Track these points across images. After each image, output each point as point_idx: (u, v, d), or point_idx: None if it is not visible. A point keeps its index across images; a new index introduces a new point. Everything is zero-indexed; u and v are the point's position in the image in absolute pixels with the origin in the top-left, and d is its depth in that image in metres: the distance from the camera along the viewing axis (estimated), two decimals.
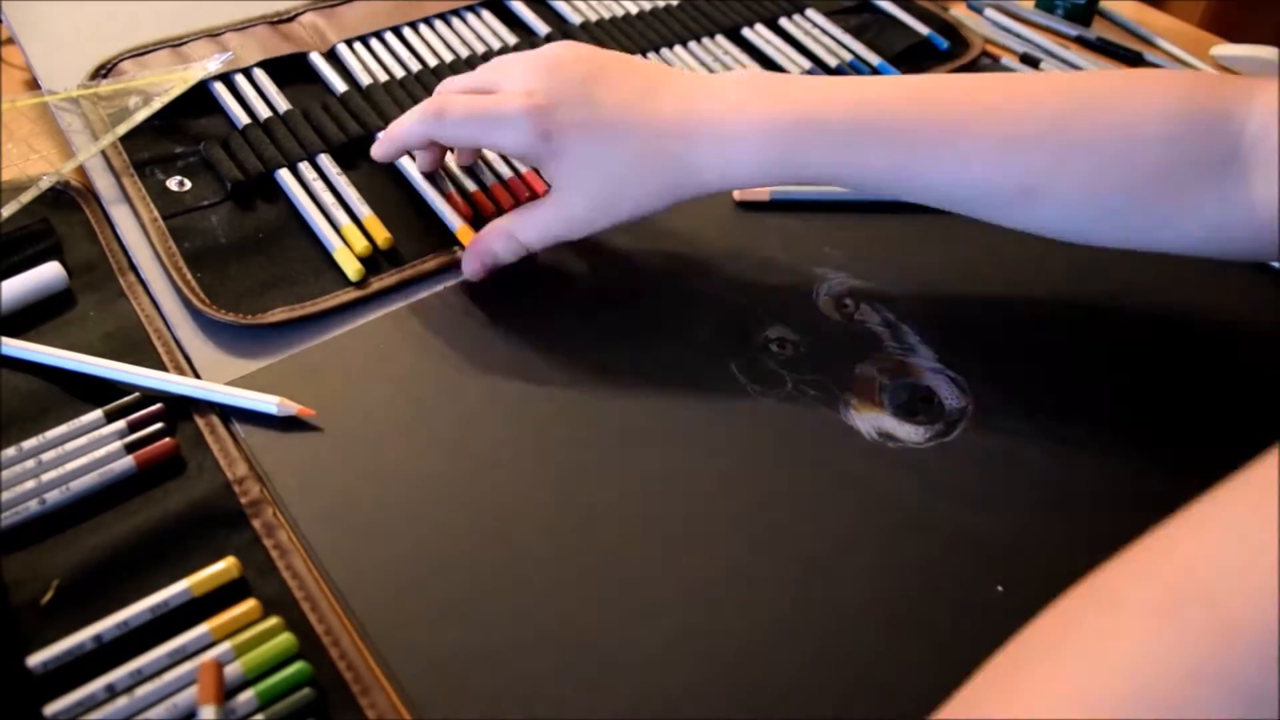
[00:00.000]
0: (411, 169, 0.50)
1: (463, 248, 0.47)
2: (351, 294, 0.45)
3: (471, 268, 0.45)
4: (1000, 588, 0.36)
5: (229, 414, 0.39)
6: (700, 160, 0.41)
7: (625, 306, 0.46)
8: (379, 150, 0.46)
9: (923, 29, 0.65)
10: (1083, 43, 0.69)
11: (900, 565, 0.37)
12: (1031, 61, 0.65)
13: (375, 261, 0.46)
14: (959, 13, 0.69)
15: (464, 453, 0.39)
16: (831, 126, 0.40)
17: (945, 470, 0.40)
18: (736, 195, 0.52)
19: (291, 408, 0.39)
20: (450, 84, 0.45)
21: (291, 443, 0.39)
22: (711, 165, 0.41)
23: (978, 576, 0.37)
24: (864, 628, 0.35)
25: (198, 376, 0.41)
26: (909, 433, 0.41)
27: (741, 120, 0.41)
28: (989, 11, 0.69)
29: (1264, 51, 0.67)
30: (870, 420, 0.42)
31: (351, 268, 0.45)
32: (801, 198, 0.52)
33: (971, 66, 0.64)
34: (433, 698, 0.32)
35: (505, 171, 0.51)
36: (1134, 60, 0.67)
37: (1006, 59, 0.65)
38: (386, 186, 0.50)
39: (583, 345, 0.44)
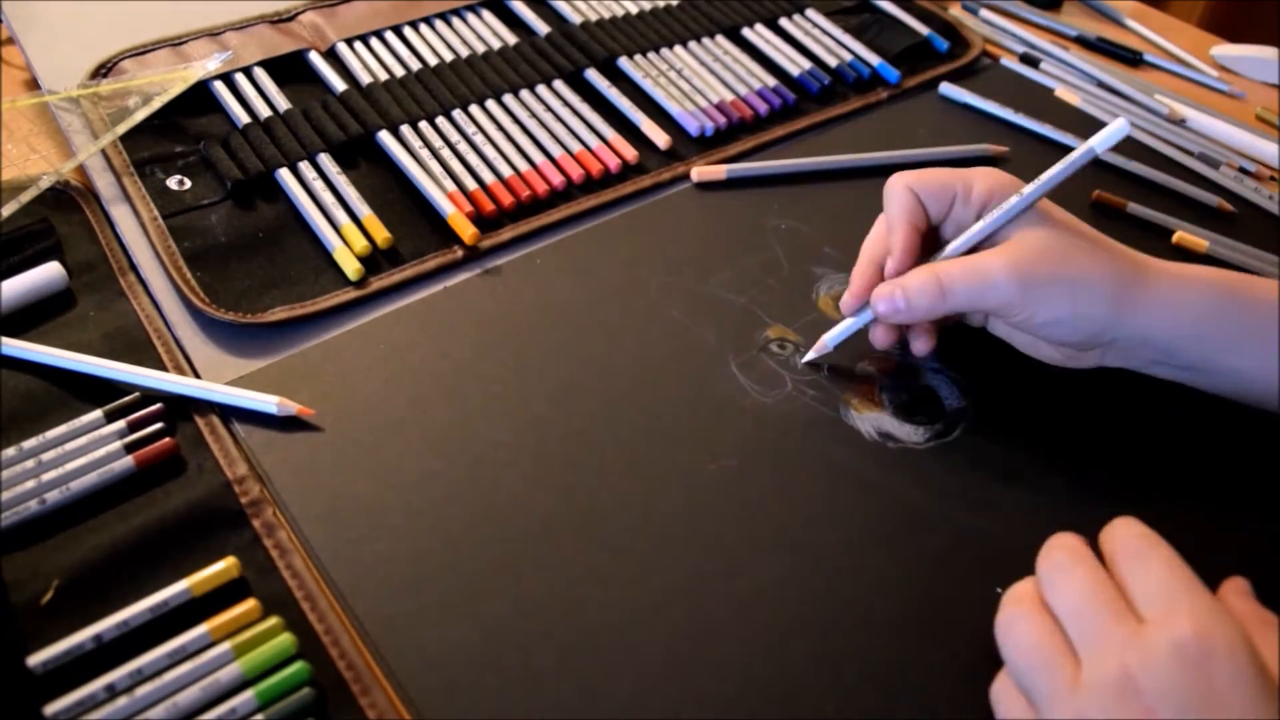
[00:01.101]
0: (411, 166, 0.50)
1: (462, 245, 0.47)
2: (351, 293, 0.45)
3: (884, 308, 0.41)
4: (999, 589, 0.36)
5: (229, 414, 0.39)
6: (1148, 301, 0.38)
7: (625, 306, 0.46)
8: (853, 304, 0.42)
9: (923, 29, 0.65)
10: (1083, 43, 0.69)
11: (900, 565, 0.37)
12: (1031, 61, 0.65)
13: (375, 261, 0.46)
14: (958, 13, 0.69)
15: (464, 452, 0.39)
16: (1264, 307, 0.39)
17: (945, 471, 0.40)
18: (694, 175, 0.52)
19: (291, 407, 0.39)
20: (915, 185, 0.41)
21: (291, 442, 0.39)
22: (1157, 306, 0.39)
23: (977, 577, 0.37)
24: (864, 628, 0.35)
25: (198, 376, 0.41)
26: (909, 433, 0.42)
27: (1183, 282, 0.39)
28: (984, 13, 0.69)
29: (1264, 52, 0.67)
30: (870, 421, 0.42)
31: (351, 267, 0.45)
32: (755, 173, 0.53)
33: (971, 66, 0.64)
34: (432, 697, 0.32)
35: (505, 171, 0.51)
36: (1135, 61, 0.67)
37: (1006, 59, 0.65)
38: (386, 186, 0.50)
39: (583, 344, 0.44)
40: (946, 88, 0.61)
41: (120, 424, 0.38)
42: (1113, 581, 0.31)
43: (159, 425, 0.38)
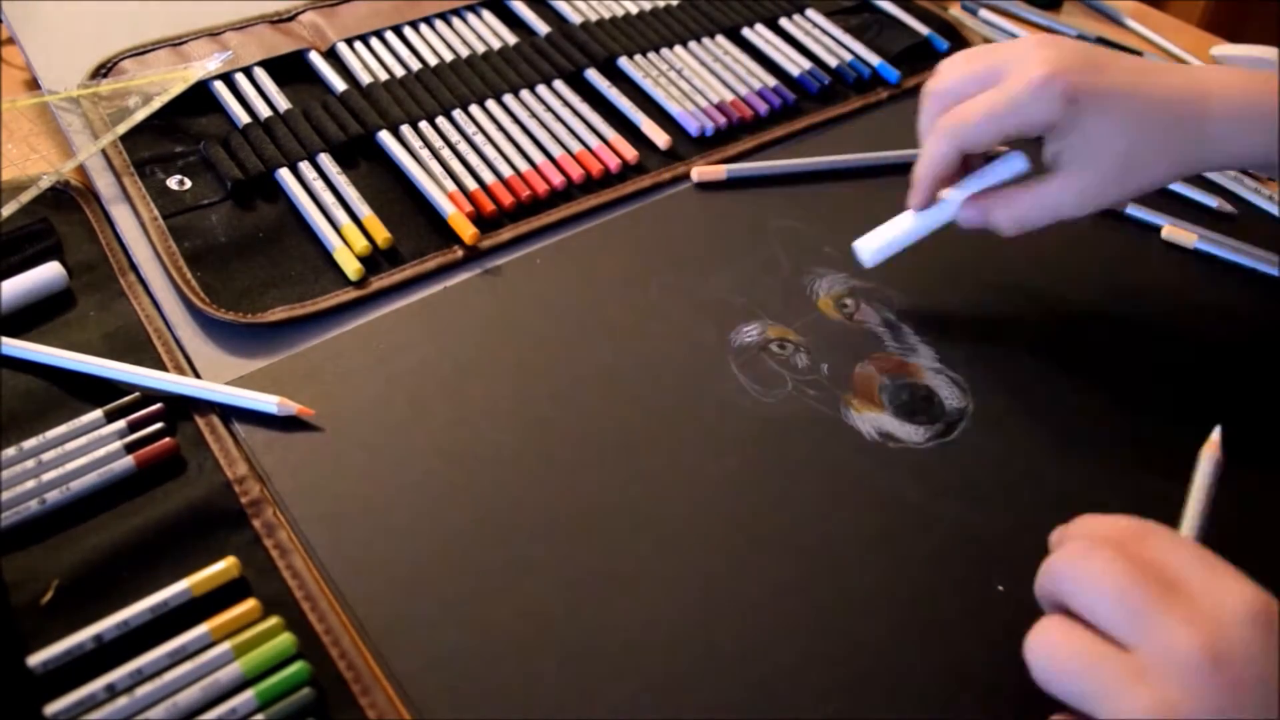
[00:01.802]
0: (411, 166, 0.50)
1: (462, 245, 0.47)
2: (351, 293, 0.45)
3: (968, 217, 0.43)
4: (1000, 587, 0.36)
5: (229, 414, 0.39)
6: (1218, 132, 0.40)
7: (625, 306, 0.46)
8: (918, 198, 0.43)
9: (923, 29, 0.65)
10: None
11: (900, 565, 0.37)
12: None
13: (375, 261, 0.46)
14: (958, 13, 0.69)
15: (465, 452, 0.39)
16: None
17: (945, 470, 0.40)
18: (695, 175, 0.52)
19: (291, 407, 0.39)
20: (939, 85, 0.43)
21: (292, 442, 0.39)
22: (1229, 139, 0.40)
23: (978, 576, 0.37)
24: (864, 627, 0.35)
25: (198, 376, 0.41)
26: (909, 433, 0.42)
27: (1260, 93, 0.40)
28: (984, 13, 0.69)
29: (1263, 51, 0.67)
30: (870, 420, 0.42)
31: (351, 267, 0.45)
32: (755, 173, 0.53)
33: None
34: (433, 699, 0.32)
35: (505, 171, 0.51)
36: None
37: None
38: (387, 186, 0.50)
39: (583, 345, 0.44)
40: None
41: (120, 424, 0.38)
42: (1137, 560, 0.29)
43: (159, 425, 0.38)
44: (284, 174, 0.49)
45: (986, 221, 0.43)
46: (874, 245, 0.44)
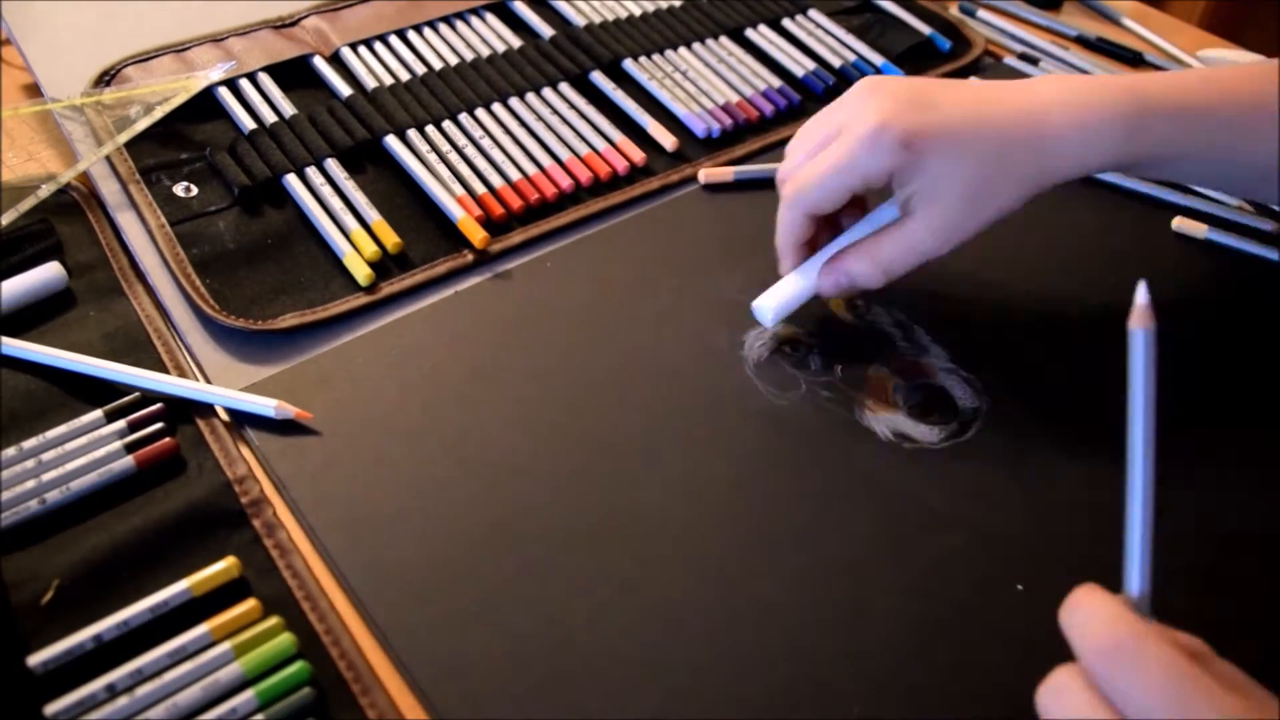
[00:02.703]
0: (419, 171, 0.50)
1: (472, 248, 0.47)
2: (362, 299, 0.44)
3: (825, 285, 0.43)
4: (1020, 586, 0.36)
5: (235, 418, 0.39)
6: (1058, 148, 0.40)
7: (636, 309, 0.45)
8: (784, 266, 0.44)
9: (925, 29, 0.65)
10: (1082, 43, 0.69)
11: (918, 565, 0.37)
12: (1030, 59, 0.65)
13: (385, 266, 0.46)
14: (959, 14, 0.69)
15: (480, 458, 0.39)
16: (1184, 104, 0.40)
17: (961, 470, 0.40)
18: (702, 177, 0.52)
19: (289, 410, 0.39)
20: (786, 166, 0.43)
21: (307, 450, 0.38)
22: (1070, 151, 0.40)
23: (996, 576, 0.36)
24: (883, 628, 0.35)
25: (208, 381, 0.40)
26: (924, 433, 0.41)
27: (1091, 102, 0.40)
28: (984, 14, 0.69)
29: (1246, 56, 0.67)
30: (885, 421, 0.42)
31: (361, 273, 0.45)
32: (763, 175, 0.52)
33: (973, 66, 0.64)
34: (456, 706, 0.32)
35: (513, 174, 0.50)
36: (1135, 61, 0.67)
37: (1008, 59, 0.65)
38: (395, 191, 0.50)
39: (595, 348, 0.43)
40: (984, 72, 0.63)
41: (120, 424, 0.38)
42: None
43: (159, 425, 0.38)
44: (291, 180, 0.49)
45: (849, 277, 0.42)
46: (770, 305, 0.43)
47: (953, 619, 0.35)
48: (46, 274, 0.42)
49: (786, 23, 0.64)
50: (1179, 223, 0.52)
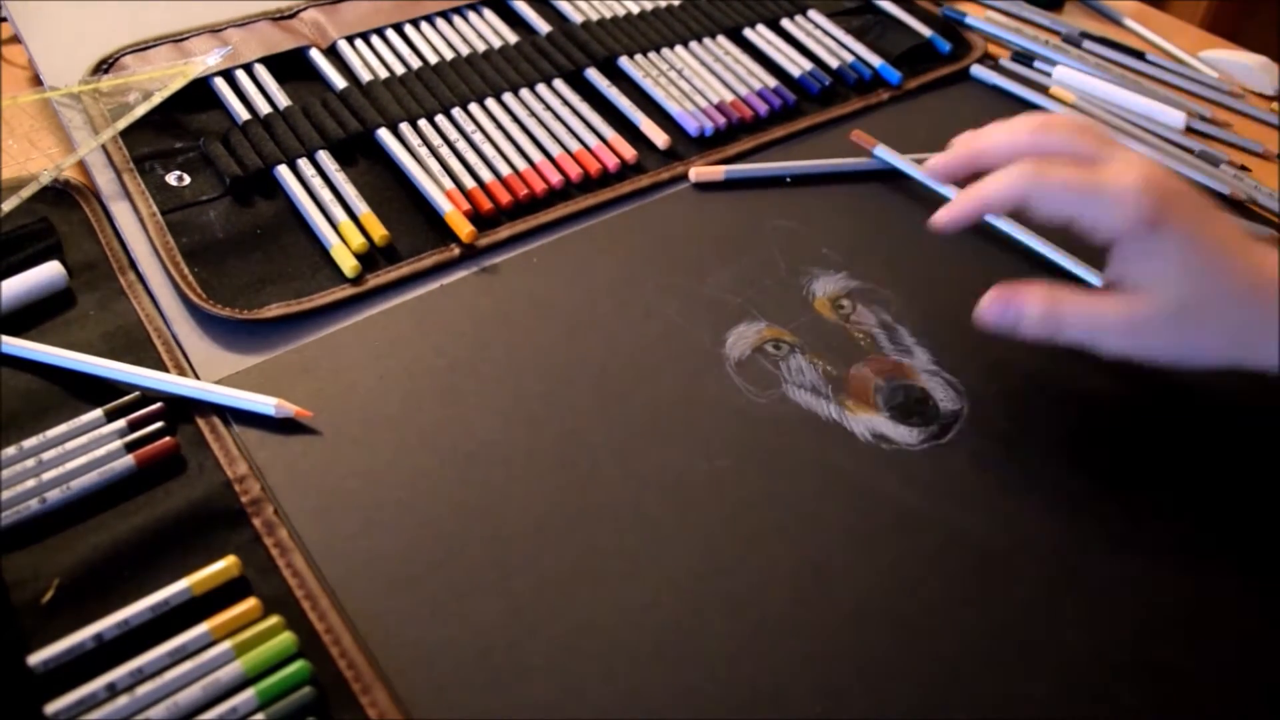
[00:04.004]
0: (410, 164, 0.50)
1: (459, 242, 0.47)
2: (348, 290, 0.45)
3: (990, 311, 0.40)
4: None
5: (227, 412, 0.40)
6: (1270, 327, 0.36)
7: (621, 306, 0.46)
8: (949, 215, 0.41)
9: (925, 30, 0.65)
10: (1073, 41, 0.68)
11: (892, 566, 0.37)
12: (1026, 59, 0.65)
13: (372, 258, 0.46)
14: (962, 10, 0.69)
15: (457, 450, 0.39)
16: None
17: (939, 473, 0.40)
18: (692, 176, 0.52)
19: (289, 409, 0.39)
20: (1039, 132, 0.39)
21: (286, 438, 0.39)
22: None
23: (969, 578, 0.37)
24: (856, 629, 0.35)
25: (194, 371, 0.41)
26: (903, 435, 0.42)
27: None
28: (984, 17, 0.69)
29: (1247, 57, 0.67)
30: (865, 422, 0.42)
31: (348, 264, 0.45)
32: (753, 174, 0.53)
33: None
34: (421, 694, 0.32)
35: (504, 169, 0.51)
36: (1137, 59, 0.67)
37: (1006, 61, 0.65)
38: (385, 184, 0.50)
39: (578, 344, 0.44)
40: (978, 70, 0.63)
41: (121, 423, 0.38)
42: None
43: (159, 424, 0.38)
44: (283, 171, 0.49)
45: (1017, 312, 0.39)
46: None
47: (924, 620, 0.35)
48: (47, 273, 0.43)
49: (785, 23, 0.64)
50: None
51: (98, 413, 0.38)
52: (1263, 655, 0.36)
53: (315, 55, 0.56)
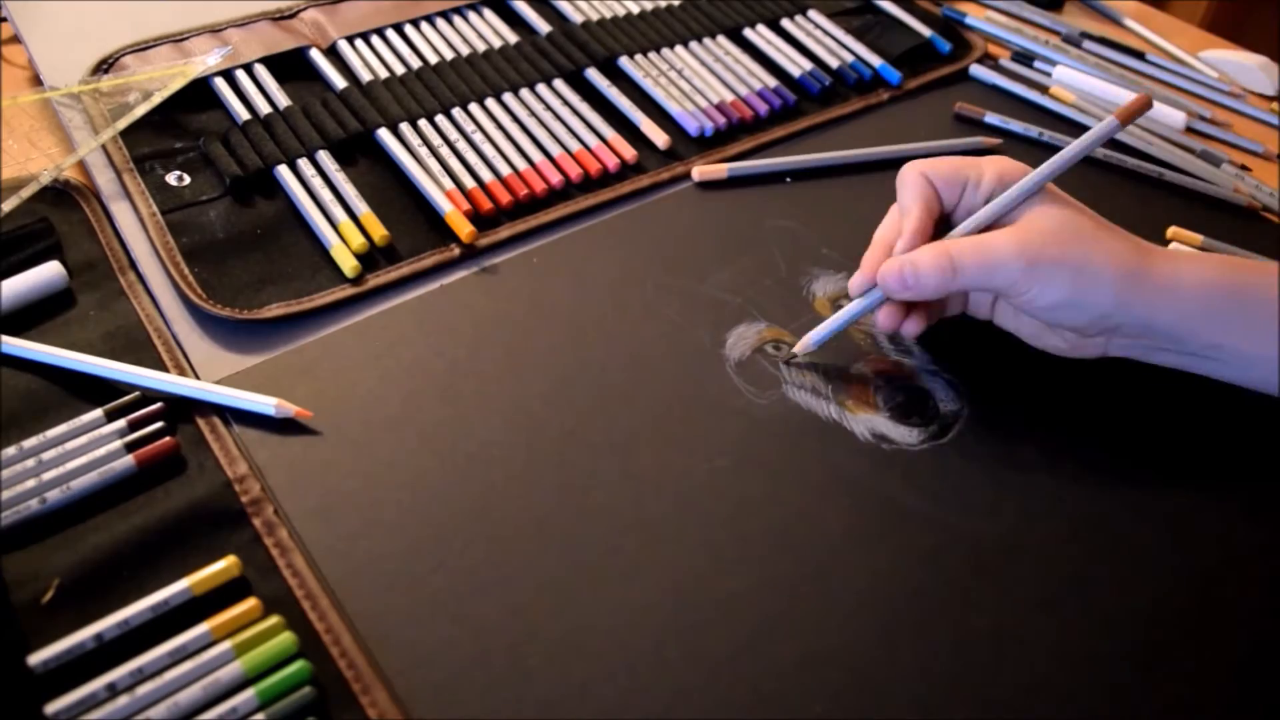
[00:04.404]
0: (410, 164, 0.50)
1: (459, 243, 0.47)
2: (348, 290, 0.45)
3: (890, 278, 0.41)
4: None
5: (227, 412, 0.40)
6: (1149, 293, 0.39)
7: (621, 306, 0.46)
8: (889, 278, 0.41)
9: (925, 30, 0.65)
10: (1083, 43, 0.68)
11: (891, 567, 0.37)
12: (1026, 59, 0.65)
13: (372, 258, 0.46)
14: (962, 10, 0.69)
15: (457, 450, 0.39)
16: (1269, 296, 0.39)
17: (939, 473, 0.40)
18: (696, 174, 0.53)
19: (289, 409, 0.39)
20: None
21: (286, 438, 0.39)
22: (1162, 297, 0.39)
23: (968, 578, 0.37)
24: (855, 628, 0.35)
25: (194, 371, 0.41)
26: (903, 435, 0.42)
27: (1188, 268, 0.39)
28: (982, 17, 0.69)
29: (1247, 57, 0.67)
30: (864, 422, 0.42)
31: (348, 264, 0.45)
32: (757, 172, 0.53)
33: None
34: (421, 695, 0.32)
35: (504, 169, 0.51)
36: (1137, 59, 0.67)
37: (1006, 61, 0.65)
38: (385, 184, 0.50)
39: (578, 344, 0.44)
40: (977, 70, 0.63)
41: (121, 423, 0.38)
42: None
43: (159, 424, 0.38)
44: (283, 171, 0.49)
45: (913, 267, 0.40)
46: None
47: (924, 620, 0.35)
48: (47, 273, 0.43)
49: (785, 23, 0.64)
50: (1174, 233, 0.52)
51: (98, 413, 0.38)
52: (1265, 655, 0.36)
53: (315, 55, 0.56)
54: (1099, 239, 0.39)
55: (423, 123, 0.53)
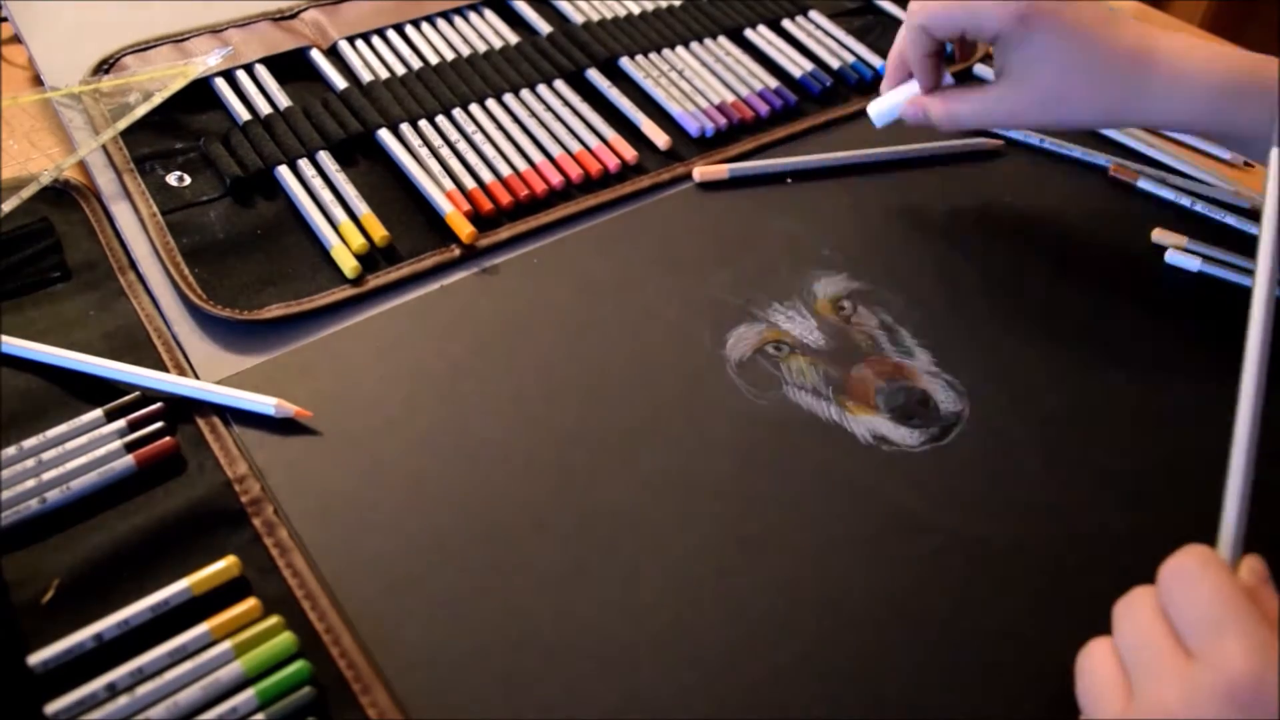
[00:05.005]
0: (410, 165, 0.50)
1: (459, 243, 0.47)
2: (348, 291, 0.45)
3: (907, 112, 0.49)
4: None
5: (227, 413, 0.40)
6: (1157, 92, 0.43)
7: (621, 307, 0.46)
8: (889, 80, 0.50)
9: None
10: None
11: (892, 568, 0.37)
12: None
13: (372, 259, 0.46)
14: None
15: (456, 451, 0.39)
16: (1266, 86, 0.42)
17: (939, 474, 0.40)
18: (697, 175, 0.53)
19: (289, 409, 0.39)
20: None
21: (286, 438, 0.39)
22: (1161, 99, 0.43)
23: (968, 580, 0.37)
24: (855, 630, 0.35)
25: (195, 372, 0.41)
26: (904, 436, 0.42)
27: (1206, 62, 0.43)
28: None
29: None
30: (865, 423, 0.42)
31: (348, 265, 0.45)
32: (758, 172, 0.53)
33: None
34: (420, 696, 0.32)
35: (504, 170, 0.51)
36: None
37: None
38: (386, 184, 0.50)
39: (578, 345, 0.44)
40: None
41: (121, 423, 0.38)
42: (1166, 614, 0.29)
43: (159, 424, 0.38)
44: (283, 171, 0.49)
45: (925, 114, 0.48)
46: (874, 109, 0.51)
47: (924, 621, 0.35)
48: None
49: (786, 23, 0.64)
50: (1159, 235, 0.52)
51: (98, 413, 0.38)
52: None
53: (316, 55, 0.56)
54: (1090, 83, 0.43)
55: (423, 123, 0.53)
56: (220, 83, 0.54)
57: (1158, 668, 0.28)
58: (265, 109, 0.52)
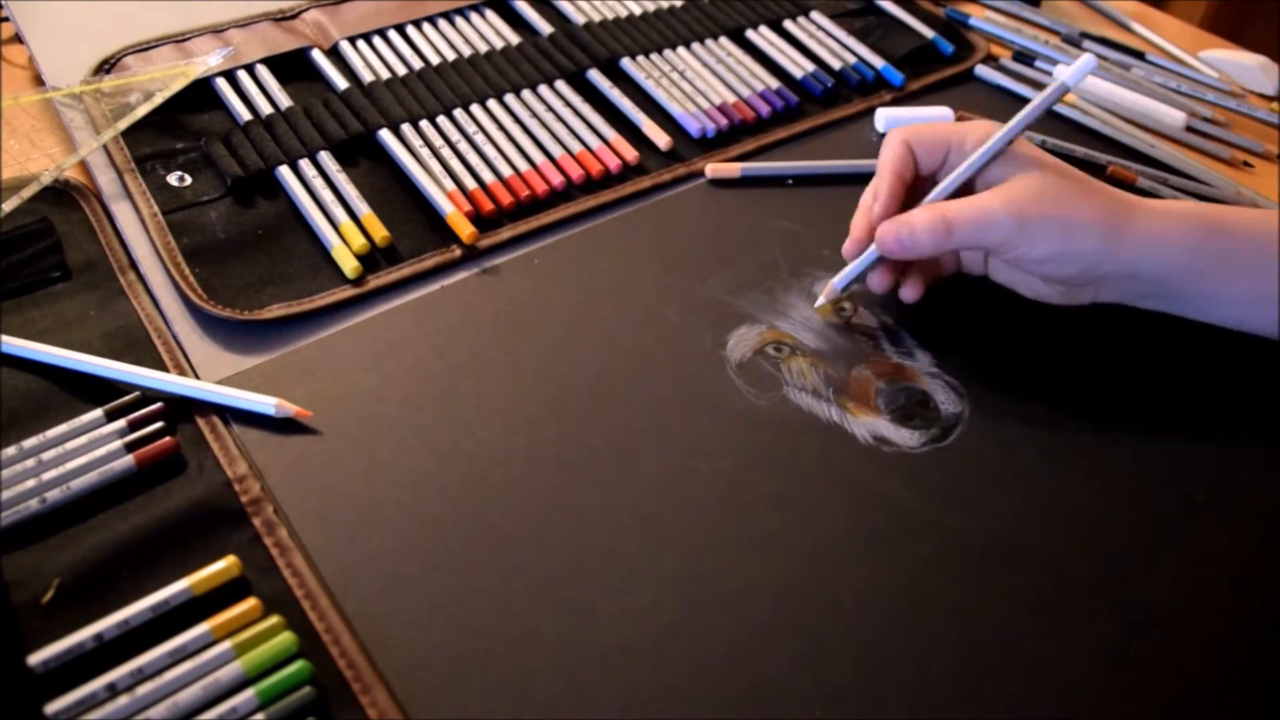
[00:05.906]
0: (411, 165, 0.50)
1: (460, 244, 0.47)
2: (349, 291, 0.45)
3: (887, 239, 0.43)
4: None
5: (227, 413, 0.40)
6: (1131, 228, 0.41)
7: (622, 307, 0.46)
8: (886, 238, 0.43)
9: (928, 32, 0.65)
10: (1084, 43, 0.68)
11: (893, 570, 0.37)
12: (1026, 59, 0.65)
13: (373, 259, 0.46)
14: (966, 12, 0.69)
15: (457, 451, 0.39)
16: (1246, 238, 0.42)
17: (940, 475, 0.40)
18: (709, 172, 0.53)
19: (289, 409, 0.39)
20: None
21: (286, 438, 0.39)
22: (1135, 249, 0.41)
23: (969, 581, 0.37)
24: (855, 631, 0.35)
25: (195, 372, 0.41)
26: (904, 437, 0.42)
27: (1169, 216, 0.42)
28: (982, 18, 0.69)
29: (1247, 58, 0.67)
30: (865, 425, 0.42)
31: (349, 265, 0.45)
32: (769, 173, 0.53)
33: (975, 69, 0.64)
34: (420, 696, 0.32)
35: (505, 170, 0.51)
36: (1137, 59, 0.67)
37: (1006, 59, 0.65)
38: (386, 185, 0.50)
39: (579, 346, 0.44)
40: (982, 70, 0.63)
41: (120, 423, 0.38)
42: None
43: (159, 424, 0.38)
44: (284, 171, 0.49)
45: (909, 229, 0.42)
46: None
47: (924, 622, 0.35)
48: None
49: (787, 24, 0.64)
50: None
51: (98, 413, 0.38)
52: (1267, 656, 0.36)
53: (317, 56, 0.57)
54: (1084, 194, 0.42)
55: (424, 123, 0.53)
56: (221, 83, 0.54)
57: None
58: (266, 109, 0.52)
